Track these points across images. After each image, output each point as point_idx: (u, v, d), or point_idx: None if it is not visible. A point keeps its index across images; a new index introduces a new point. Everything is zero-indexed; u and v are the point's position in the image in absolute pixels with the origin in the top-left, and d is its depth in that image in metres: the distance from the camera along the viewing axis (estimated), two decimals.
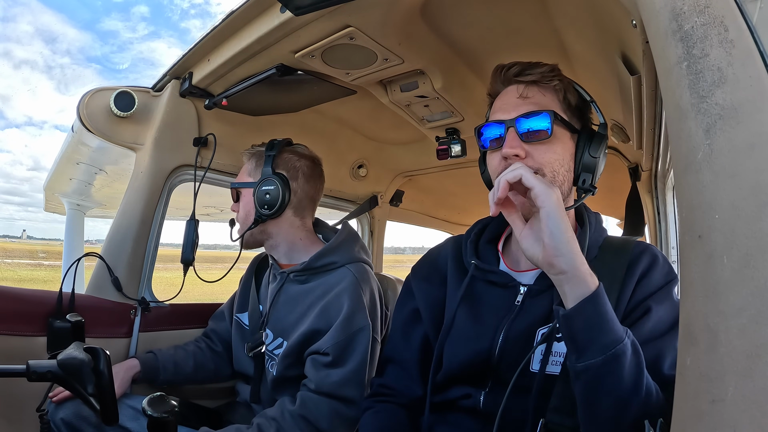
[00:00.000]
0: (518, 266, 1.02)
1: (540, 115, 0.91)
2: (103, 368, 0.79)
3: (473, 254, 1.06)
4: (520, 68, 0.97)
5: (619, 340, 0.72)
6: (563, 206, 0.77)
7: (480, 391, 0.95)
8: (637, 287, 0.89)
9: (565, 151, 0.94)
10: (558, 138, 0.93)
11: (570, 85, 0.99)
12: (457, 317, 1.00)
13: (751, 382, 0.37)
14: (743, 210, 0.39)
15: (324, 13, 1.10)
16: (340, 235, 1.50)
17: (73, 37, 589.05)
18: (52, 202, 3.76)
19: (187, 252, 1.63)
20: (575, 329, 0.73)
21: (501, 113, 0.96)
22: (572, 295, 0.74)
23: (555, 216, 0.75)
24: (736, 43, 0.42)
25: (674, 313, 0.87)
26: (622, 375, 0.71)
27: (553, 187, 0.77)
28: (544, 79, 0.96)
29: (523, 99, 0.96)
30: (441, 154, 1.84)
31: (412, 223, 3.10)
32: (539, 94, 0.96)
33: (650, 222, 1.81)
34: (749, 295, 0.38)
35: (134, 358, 1.42)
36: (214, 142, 1.69)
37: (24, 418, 1.24)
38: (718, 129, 0.41)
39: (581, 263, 0.75)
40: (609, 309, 0.74)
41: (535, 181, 0.76)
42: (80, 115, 1.55)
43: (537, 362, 0.89)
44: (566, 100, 0.97)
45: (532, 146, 0.92)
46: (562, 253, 0.74)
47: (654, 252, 0.94)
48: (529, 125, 0.92)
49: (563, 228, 0.75)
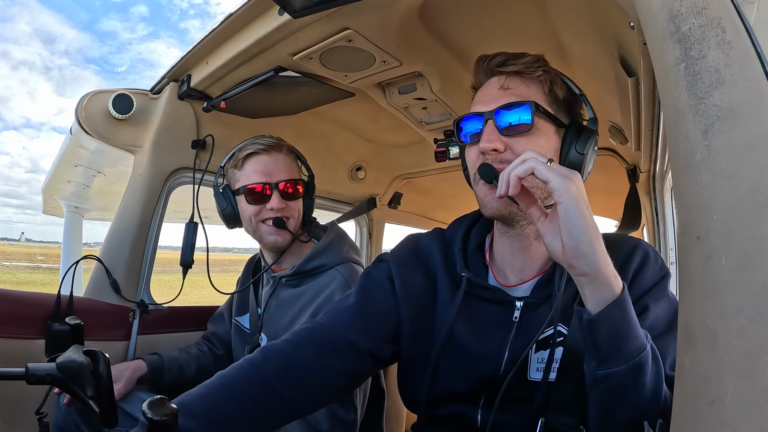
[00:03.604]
0: (507, 281, 0.96)
1: (521, 106, 0.86)
2: (102, 371, 0.79)
3: (463, 265, 0.98)
4: (503, 58, 0.92)
5: (642, 347, 0.68)
6: (585, 198, 0.69)
7: (475, 408, 0.91)
8: (632, 285, 0.85)
9: (549, 145, 0.89)
10: (540, 131, 0.88)
11: (558, 77, 0.93)
12: (455, 334, 0.93)
13: (750, 382, 0.37)
14: (741, 211, 0.39)
15: (322, 16, 1.10)
16: (327, 236, 1.49)
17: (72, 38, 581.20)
18: (50, 205, 3.76)
19: (187, 254, 1.63)
20: (600, 336, 0.68)
21: (480, 105, 0.92)
22: (595, 299, 0.69)
23: (575, 213, 0.67)
24: (733, 45, 0.42)
25: (671, 309, 0.85)
26: (644, 383, 0.67)
27: (573, 177, 0.69)
28: (528, 69, 0.91)
29: (504, 90, 0.91)
30: (439, 156, 1.84)
31: (410, 226, 3.09)
32: (522, 86, 0.91)
33: (649, 223, 1.81)
34: (748, 296, 0.38)
35: (140, 359, 1.41)
36: (212, 144, 1.69)
37: (23, 422, 1.23)
38: (716, 130, 0.41)
39: (605, 264, 0.68)
40: (633, 314, 0.69)
41: (550, 174, 0.68)
42: (78, 118, 1.54)
43: (535, 371, 0.86)
44: (552, 93, 0.92)
45: (512, 139, 0.87)
46: (584, 255, 0.67)
47: (645, 247, 0.91)
48: (509, 117, 0.87)
49: (584, 226, 0.67)
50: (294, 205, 1.44)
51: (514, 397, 0.86)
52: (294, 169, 1.48)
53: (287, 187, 1.41)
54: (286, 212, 1.42)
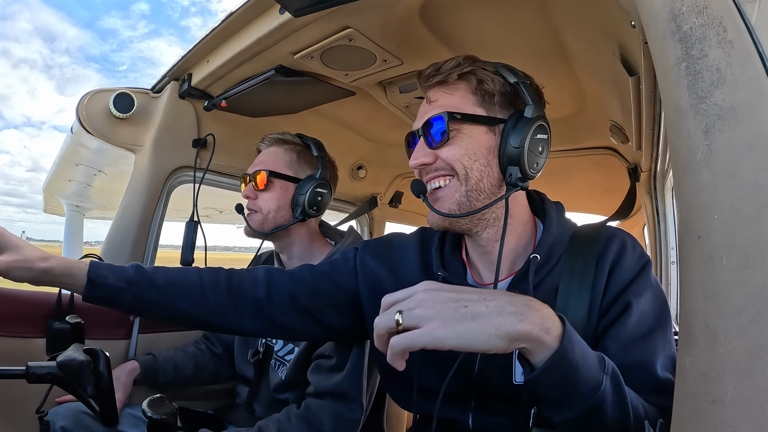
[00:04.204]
0: (482, 280, 0.96)
1: (436, 118, 0.88)
2: (102, 370, 0.79)
3: (439, 264, 0.98)
4: (429, 71, 0.93)
5: (597, 385, 0.62)
6: (456, 314, 0.61)
7: (466, 413, 0.90)
8: (610, 279, 0.82)
9: (477, 145, 0.88)
10: (465, 135, 0.88)
11: (488, 72, 0.91)
12: None
13: (750, 382, 0.37)
14: (742, 210, 0.39)
15: (323, 15, 1.10)
16: (347, 238, 1.50)
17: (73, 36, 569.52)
18: (51, 204, 3.76)
19: (187, 253, 1.64)
20: (545, 390, 0.64)
21: (416, 122, 0.94)
22: (534, 359, 0.62)
23: (454, 341, 0.59)
24: (734, 44, 0.42)
25: (656, 301, 0.82)
26: (606, 419, 0.63)
27: (430, 314, 0.61)
28: (448, 77, 0.91)
29: (430, 104, 0.93)
30: None
31: (411, 225, 3.09)
32: (445, 95, 0.92)
33: (649, 222, 1.81)
34: (748, 296, 0.38)
35: (134, 361, 1.42)
36: (213, 143, 1.69)
37: (23, 420, 1.23)
38: (717, 129, 0.41)
39: (522, 325, 0.59)
40: (580, 350, 0.63)
41: (409, 337, 0.60)
42: (79, 117, 1.55)
43: (519, 374, 0.84)
44: (481, 91, 0.90)
45: (440, 150, 0.89)
46: (495, 346, 0.59)
47: (622, 237, 0.88)
48: (431, 131, 0.89)
49: (471, 335, 0.59)
50: (263, 197, 1.44)
51: (502, 400, 0.86)
52: (279, 161, 1.46)
53: (254, 178, 1.43)
54: (254, 205, 1.45)
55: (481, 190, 0.88)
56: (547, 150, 0.91)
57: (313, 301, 1.04)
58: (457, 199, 0.88)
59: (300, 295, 1.03)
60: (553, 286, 0.87)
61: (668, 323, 0.81)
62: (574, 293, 0.83)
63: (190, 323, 1.03)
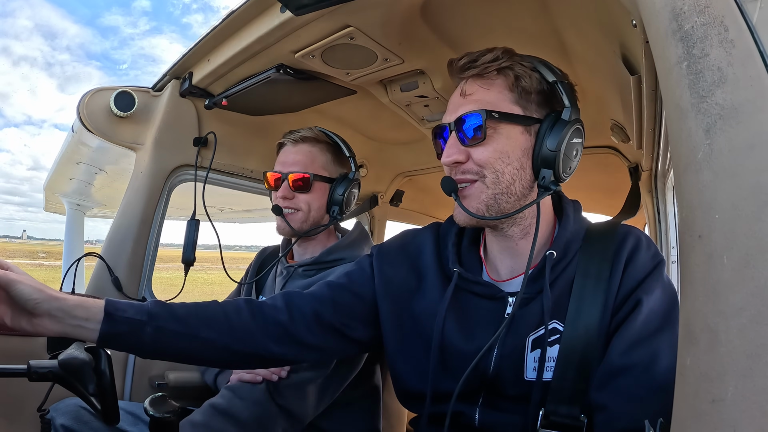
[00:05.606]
0: (499, 276, 0.95)
1: (472, 115, 0.85)
2: (104, 368, 0.80)
3: (456, 260, 0.97)
4: (465, 61, 0.89)
5: None
6: None
7: (473, 408, 0.90)
8: (624, 276, 0.83)
9: (512, 147, 0.86)
10: (501, 134, 0.86)
11: (526, 68, 0.88)
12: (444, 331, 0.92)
13: (751, 382, 0.37)
14: (743, 210, 0.39)
15: (324, 13, 1.10)
16: (353, 232, 1.52)
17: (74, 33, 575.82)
18: (52, 202, 3.77)
19: (188, 252, 1.64)
20: None
21: (447, 115, 0.91)
22: None
23: None
24: (736, 43, 0.42)
25: (666, 299, 0.82)
26: None
27: None
28: (486, 70, 0.87)
29: (464, 97, 0.89)
30: None
31: (412, 223, 3.09)
32: (481, 90, 0.88)
33: (650, 221, 1.80)
34: (749, 295, 0.38)
35: None
36: (214, 141, 1.69)
37: (24, 418, 1.23)
38: (718, 129, 0.41)
39: None
40: None
41: None
42: (80, 115, 1.55)
43: (531, 370, 0.85)
44: (519, 88, 0.87)
45: (473, 149, 0.86)
46: None
47: (637, 234, 0.88)
48: (464, 127, 0.86)
49: None
50: (303, 198, 1.44)
51: (512, 396, 0.86)
52: (317, 163, 1.47)
53: (296, 180, 1.43)
54: (293, 204, 1.44)
55: (512, 193, 0.87)
56: (581, 154, 0.90)
57: (338, 316, 1.01)
58: (484, 200, 0.88)
59: (323, 312, 1.00)
60: (567, 282, 0.87)
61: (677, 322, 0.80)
62: (588, 295, 0.83)
63: (217, 356, 0.95)
